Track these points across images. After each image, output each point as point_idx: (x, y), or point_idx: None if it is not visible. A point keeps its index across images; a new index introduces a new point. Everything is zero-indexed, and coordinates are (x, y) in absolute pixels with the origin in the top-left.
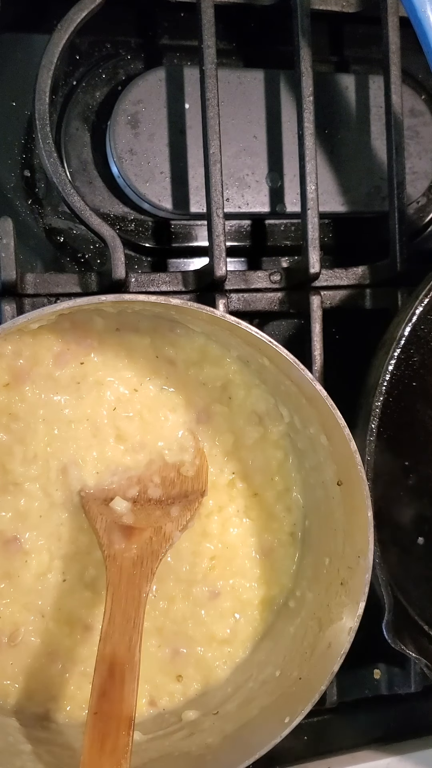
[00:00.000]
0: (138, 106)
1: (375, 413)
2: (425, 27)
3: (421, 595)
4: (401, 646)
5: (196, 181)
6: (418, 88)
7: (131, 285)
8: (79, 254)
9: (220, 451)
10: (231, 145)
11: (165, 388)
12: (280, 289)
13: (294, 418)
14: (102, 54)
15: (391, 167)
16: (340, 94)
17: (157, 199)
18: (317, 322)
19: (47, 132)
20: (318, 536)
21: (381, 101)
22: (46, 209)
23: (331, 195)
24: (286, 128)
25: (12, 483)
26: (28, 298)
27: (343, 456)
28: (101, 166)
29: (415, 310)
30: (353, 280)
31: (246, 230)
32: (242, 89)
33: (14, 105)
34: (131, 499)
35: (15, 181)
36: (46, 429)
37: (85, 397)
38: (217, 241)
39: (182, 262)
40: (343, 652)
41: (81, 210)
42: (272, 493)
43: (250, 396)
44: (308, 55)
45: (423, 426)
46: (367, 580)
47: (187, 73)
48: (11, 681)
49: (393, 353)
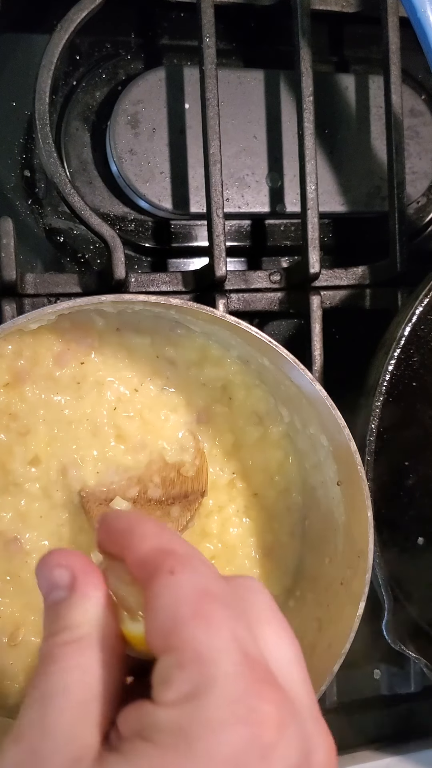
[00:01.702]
0: (138, 106)
1: (375, 413)
2: (425, 27)
3: (421, 595)
4: (401, 646)
5: (196, 181)
6: (418, 88)
7: (131, 285)
8: (79, 254)
9: (220, 451)
10: (231, 145)
11: (165, 388)
12: (280, 289)
13: (294, 418)
14: (102, 54)
15: (391, 167)
16: (340, 94)
17: (157, 199)
18: (317, 322)
19: (47, 132)
20: (318, 536)
21: (381, 101)
22: (46, 209)
23: (331, 195)
24: (286, 128)
25: (12, 483)
26: (28, 298)
27: (343, 456)
28: (101, 166)
29: (415, 310)
30: (353, 280)
31: (246, 230)
32: (242, 89)
33: (14, 105)
34: (131, 499)
35: (15, 181)
36: (47, 429)
37: (85, 397)
38: (217, 241)
39: (182, 262)
40: (343, 652)
41: (81, 210)
42: (272, 493)
43: (251, 396)
44: (308, 55)
45: (423, 426)
46: (367, 580)
47: (187, 73)
48: (11, 681)
49: (393, 353)
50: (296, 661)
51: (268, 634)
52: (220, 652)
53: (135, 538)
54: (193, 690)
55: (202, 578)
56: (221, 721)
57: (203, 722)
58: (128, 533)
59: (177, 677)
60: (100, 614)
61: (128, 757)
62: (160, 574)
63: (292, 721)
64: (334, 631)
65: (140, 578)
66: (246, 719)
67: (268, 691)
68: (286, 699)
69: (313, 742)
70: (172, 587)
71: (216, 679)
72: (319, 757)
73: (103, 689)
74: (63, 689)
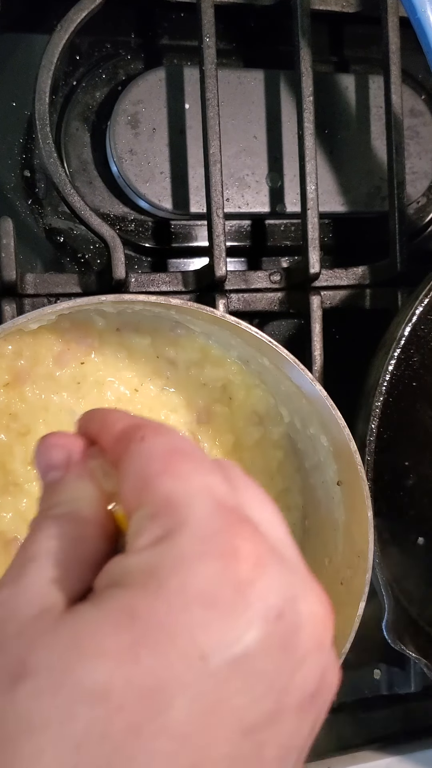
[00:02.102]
0: (138, 106)
1: (375, 413)
2: (425, 27)
3: (421, 595)
4: (401, 646)
5: (196, 181)
6: (418, 88)
7: (131, 285)
8: (79, 254)
9: (220, 451)
10: (231, 145)
11: (166, 388)
12: (280, 289)
13: (294, 418)
14: (102, 54)
15: (391, 167)
16: (340, 94)
17: (157, 199)
18: (317, 322)
19: (47, 132)
20: (318, 536)
21: (381, 101)
22: (46, 209)
23: (331, 195)
24: (286, 128)
25: (12, 484)
26: (28, 298)
27: (343, 456)
28: (101, 166)
29: (415, 310)
30: (353, 280)
31: (246, 230)
32: (242, 89)
33: (14, 105)
34: None
35: (15, 181)
36: (47, 429)
37: (85, 397)
38: (217, 241)
39: (182, 262)
40: (343, 652)
41: (81, 210)
42: (272, 493)
43: (251, 396)
44: (308, 55)
45: (423, 426)
46: (367, 580)
47: (187, 73)
48: None
49: (393, 353)
50: (280, 523)
51: (249, 496)
52: (193, 497)
53: (108, 422)
54: (165, 533)
55: (174, 439)
56: (193, 556)
57: (174, 559)
58: (102, 420)
59: (148, 525)
60: (92, 493)
61: (96, 603)
62: (132, 442)
63: (272, 562)
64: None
65: (116, 458)
66: (219, 553)
67: (244, 529)
68: (266, 542)
69: (300, 589)
70: (143, 450)
71: (188, 518)
72: (308, 606)
73: (84, 557)
74: (43, 553)
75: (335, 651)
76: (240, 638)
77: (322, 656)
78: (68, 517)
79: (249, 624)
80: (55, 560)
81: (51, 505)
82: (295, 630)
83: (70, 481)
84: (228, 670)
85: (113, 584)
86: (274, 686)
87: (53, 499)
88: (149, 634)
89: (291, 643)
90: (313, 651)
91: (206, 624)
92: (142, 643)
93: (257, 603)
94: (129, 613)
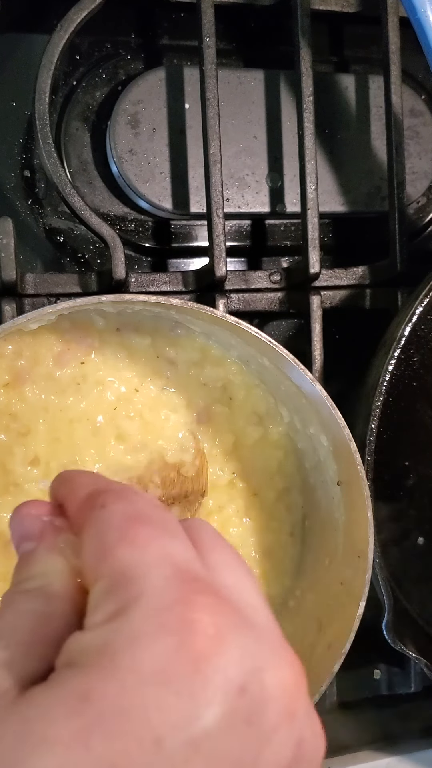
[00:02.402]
0: (138, 106)
1: (375, 413)
2: (425, 27)
3: (421, 595)
4: (401, 646)
5: (196, 181)
6: (418, 88)
7: (131, 285)
8: (79, 254)
9: (220, 451)
10: (231, 145)
11: (166, 388)
12: (280, 289)
13: (294, 418)
14: (102, 54)
15: (391, 167)
16: (340, 94)
17: (157, 199)
18: (317, 322)
19: (47, 132)
20: (318, 536)
21: (381, 101)
22: (46, 209)
23: (331, 195)
24: (286, 128)
25: (12, 484)
26: (28, 298)
27: (343, 456)
28: (101, 166)
29: (415, 310)
30: (353, 280)
31: (246, 230)
32: (242, 89)
33: (14, 105)
34: None
35: (15, 181)
36: (47, 429)
37: (85, 397)
38: (217, 241)
39: (182, 262)
40: (343, 652)
41: (81, 210)
42: (272, 493)
43: (251, 396)
44: (308, 55)
45: (423, 426)
46: (367, 580)
47: (187, 73)
48: None
49: (393, 353)
50: (251, 587)
51: (219, 560)
52: (150, 566)
53: (75, 488)
54: (119, 608)
55: (134, 506)
56: (147, 631)
57: (127, 636)
58: (70, 484)
59: (104, 599)
60: (62, 566)
61: (50, 684)
62: (93, 510)
63: (234, 633)
64: (334, 631)
65: (78, 528)
66: (175, 627)
67: (204, 599)
68: (229, 611)
69: (267, 659)
70: (102, 518)
71: (143, 591)
72: (275, 676)
73: (50, 635)
74: (7, 632)
75: (314, 716)
76: (198, 717)
77: (294, 726)
78: (38, 592)
79: (208, 701)
80: (16, 641)
81: (21, 579)
82: (260, 703)
83: (42, 553)
84: (187, 752)
85: (69, 663)
86: (242, 764)
87: (24, 573)
88: (101, 718)
89: (257, 717)
90: (284, 722)
91: (161, 704)
92: (93, 728)
93: (216, 678)
94: (81, 696)
